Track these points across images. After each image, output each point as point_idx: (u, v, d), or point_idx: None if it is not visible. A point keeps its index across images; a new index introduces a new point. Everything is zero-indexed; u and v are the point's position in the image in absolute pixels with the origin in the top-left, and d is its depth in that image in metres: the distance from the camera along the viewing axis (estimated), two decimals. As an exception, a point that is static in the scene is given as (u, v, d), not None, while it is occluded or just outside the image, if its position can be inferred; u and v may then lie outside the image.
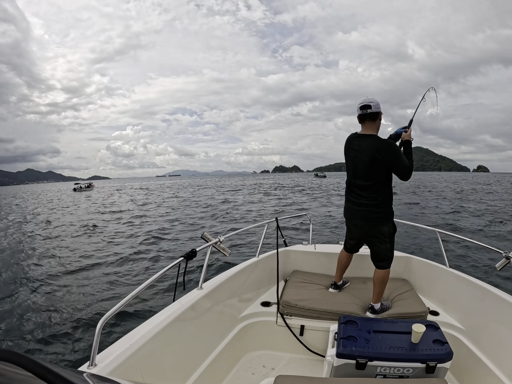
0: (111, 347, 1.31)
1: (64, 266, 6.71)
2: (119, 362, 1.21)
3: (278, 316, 2.28)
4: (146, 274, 5.91)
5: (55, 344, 3.55)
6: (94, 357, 1.17)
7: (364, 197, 2.15)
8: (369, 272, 2.55)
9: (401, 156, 2.09)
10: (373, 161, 2.05)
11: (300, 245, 3.10)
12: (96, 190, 56.19)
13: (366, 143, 2.10)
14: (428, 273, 2.62)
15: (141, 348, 1.32)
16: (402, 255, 2.87)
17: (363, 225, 2.22)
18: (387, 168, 2.07)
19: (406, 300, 2.30)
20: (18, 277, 6.00)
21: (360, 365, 1.56)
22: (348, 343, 1.64)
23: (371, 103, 2.09)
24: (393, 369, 1.56)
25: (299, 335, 2.20)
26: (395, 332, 1.73)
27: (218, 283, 2.04)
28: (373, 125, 2.14)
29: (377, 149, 2.04)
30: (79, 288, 5.29)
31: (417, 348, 1.60)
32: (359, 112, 2.13)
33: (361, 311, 2.19)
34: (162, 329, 1.47)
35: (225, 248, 2.22)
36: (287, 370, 2.07)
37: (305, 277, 2.69)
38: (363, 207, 2.15)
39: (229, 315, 2.18)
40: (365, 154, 2.08)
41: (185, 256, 1.86)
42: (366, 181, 2.12)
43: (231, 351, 2.02)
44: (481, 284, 2.09)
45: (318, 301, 2.28)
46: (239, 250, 7.32)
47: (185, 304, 1.70)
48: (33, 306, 4.60)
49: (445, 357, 1.58)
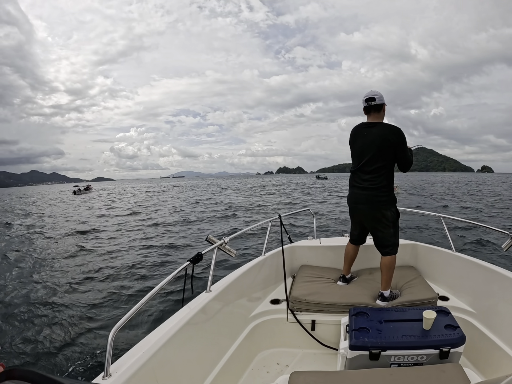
0: (124, 356, 1.30)
1: (70, 277, 6.73)
2: (134, 371, 1.20)
3: (288, 313, 2.28)
4: (152, 280, 5.92)
5: (68, 357, 3.56)
6: (108, 368, 1.16)
7: (368, 181, 2.20)
8: (375, 262, 2.54)
9: (407, 146, 2.23)
10: (383, 142, 2.14)
11: (305, 240, 3.11)
12: (97, 193, 54.16)
13: (376, 129, 2.20)
14: (435, 259, 2.62)
15: (154, 355, 1.31)
16: (408, 242, 2.87)
17: (367, 208, 2.25)
18: (393, 153, 2.17)
19: (415, 287, 2.29)
20: (25, 289, 6.03)
21: (373, 355, 1.56)
22: (360, 334, 1.64)
23: (375, 96, 2.21)
24: (407, 357, 1.57)
25: (311, 330, 2.20)
26: (406, 320, 1.74)
27: (226, 285, 2.04)
28: (378, 115, 2.24)
29: (389, 131, 2.16)
30: (87, 298, 5.30)
31: (430, 334, 1.61)
32: (364, 104, 2.24)
33: (371, 301, 2.19)
34: (174, 335, 1.46)
35: (231, 249, 2.21)
36: (301, 366, 2.06)
37: (312, 272, 2.70)
38: (368, 191, 2.21)
39: (240, 316, 2.18)
40: (375, 137, 2.17)
41: (191, 260, 1.85)
42: (372, 165, 2.19)
43: (244, 351, 2.02)
44: (488, 266, 2.09)
45: (327, 295, 2.28)
46: (245, 250, 7.33)
47: (195, 308, 1.70)
48: (43, 318, 4.60)
49: (458, 342, 1.58)
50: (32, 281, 6.51)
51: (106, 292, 5.52)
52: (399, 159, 2.21)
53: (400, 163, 2.23)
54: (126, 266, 7.24)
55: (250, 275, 2.37)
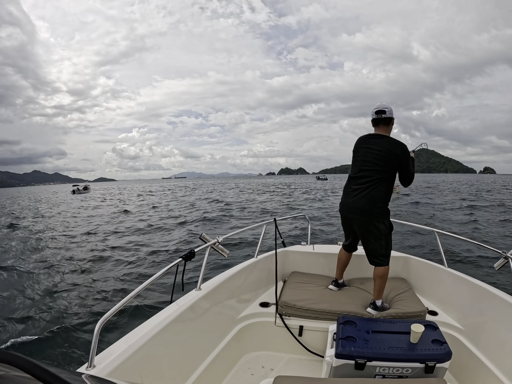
0: (109, 348, 1.30)
1: (61, 266, 6.69)
2: (118, 363, 1.20)
3: (276, 317, 2.27)
4: (143, 275, 5.90)
5: (53, 346, 3.54)
6: (92, 358, 1.17)
7: (365, 190, 2.19)
8: (366, 272, 2.56)
9: (410, 161, 2.25)
10: (389, 155, 2.16)
11: (298, 245, 3.10)
12: (99, 192, 55.68)
13: (383, 141, 2.21)
14: (427, 273, 2.63)
15: (140, 349, 1.32)
16: (400, 255, 2.87)
17: (359, 219, 2.24)
18: (397, 165, 2.19)
19: (404, 300, 2.30)
20: (15, 277, 5.98)
21: (359, 365, 1.56)
22: (347, 343, 1.64)
23: (385, 109, 2.23)
24: (392, 369, 1.56)
25: (298, 335, 2.20)
26: (394, 332, 1.73)
27: (216, 284, 2.04)
28: (386, 129, 2.27)
29: (395, 145, 2.18)
30: (77, 289, 5.27)
31: (416, 348, 1.60)
32: (374, 116, 2.25)
33: (360, 310, 2.19)
34: (161, 330, 1.46)
35: (224, 249, 2.21)
36: (286, 370, 2.06)
37: (304, 278, 2.70)
38: (362, 200, 2.19)
39: (228, 316, 2.17)
40: (381, 148, 2.18)
41: (183, 257, 1.85)
42: (372, 175, 2.19)
43: (230, 352, 2.02)
44: (479, 284, 2.10)
45: (317, 302, 2.28)
46: (238, 250, 7.31)
47: (184, 305, 1.70)
48: (31, 306, 4.58)
49: (444, 357, 1.58)
50: (20, 271, 6.47)
51: (95, 284, 5.49)
52: (403, 173, 2.24)
53: (403, 178, 2.27)
54: (120, 260, 7.21)
55: (241, 276, 2.37)
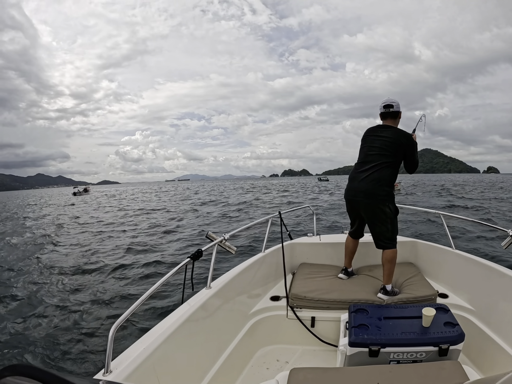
0: (125, 353, 1.31)
1: (70, 273, 6.73)
2: (134, 367, 1.21)
3: (288, 310, 2.28)
4: (153, 278, 5.93)
5: (68, 353, 3.56)
6: (108, 364, 1.17)
7: (371, 173, 2.25)
8: (374, 259, 2.56)
9: (416, 150, 2.37)
10: (395, 141, 2.26)
11: (305, 237, 3.11)
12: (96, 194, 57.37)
13: (390, 130, 2.32)
14: (435, 256, 2.62)
15: (155, 352, 1.32)
16: (407, 239, 2.87)
17: (364, 202, 2.28)
18: (403, 153, 2.29)
19: (414, 284, 2.30)
20: (23, 286, 6.02)
21: (373, 352, 1.56)
22: (359, 331, 1.64)
23: (393, 103, 2.35)
24: (406, 354, 1.57)
25: (310, 326, 2.21)
26: (406, 317, 1.74)
27: (226, 281, 2.04)
28: (394, 121, 2.38)
29: (403, 135, 2.29)
30: (88, 295, 5.29)
31: (429, 331, 1.61)
32: (382, 110, 2.37)
33: (370, 297, 2.19)
34: (174, 331, 1.47)
35: (231, 246, 2.22)
36: (301, 362, 2.07)
37: (312, 269, 2.70)
38: (367, 183, 2.25)
39: (240, 312, 2.18)
40: (389, 136, 2.28)
41: (191, 256, 1.86)
42: (378, 159, 2.26)
43: (244, 348, 2.03)
44: (488, 264, 2.09)
45: (327, 292, 2.29)
46: (245, 246, 7.33)
47: (195, 305, 1.70)
48: (43, 315, 4.60)
49: (457, 339, 1.58)
50: (29, 279, 6.50)
51: (107, 289, 5.51)
52: (408, 160, 2.34)
53: (408, 164, 2.37)
54: (126, 262, 7.26)
55: (250, 271, 2.38)
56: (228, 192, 38.39)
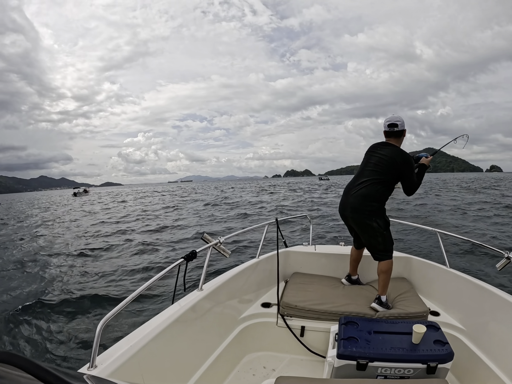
0: (111, 349, 1.30)
1: (62, 266, 6.71)
2: (119, 364, 1.21)
3: (278, 317, 2.27)
4: (146, 275, 5.91)
5: (54, 346, 3.54)
6: (94, 359, 1.17)
7: (359, 190, 2.25)
8: (368, 273, 2.58)
9: (414, 172, 2.33)
10: (391, 160, 2.23)
11: (300, 246, 3.10)
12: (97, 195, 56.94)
13: (388, 149, 2.29)
14: (429, 273, 2.62)
15: (142, 350, 1.32)
16: (402, 255, 2.87)
17: (352, 216, 2.30)
18: (398, 174, 2.24)
19: (407, 300, 2.29)
20: (13, 277, 5.98)
21: (361, 366, 1.55)
22: (348, 344, 1.63)
23: (397, 122, 2.29)
24: (394, 370, 1.56)
25: (300, 336, 2.20)
26: (396, 332, 1.73)
27: (218, 284, 2.04)
28: (397, 140, 2.34)
29: (399, 154, 2.24)
30: (78, 289, 5.27)
31: (418, 348, 1.60)
32: (386, 129, 2.33)
33: (362, 310, 2.18)
34: (162, 331, 1.47)
35: (225, 249, 2.22)
36: (287, 371, 2.06)
37: (305, 278, 2.70)
38: (354, 198, 2.26)
39: (230, 316, 2.18)
40: (385, 154, 2.26)
41: (185, 257, 1.86)
42: (370, 175, 2.25)
43: (231, 352, 2.02)
44: (481, 284, 2.09)
45: (318, 303, 2.28)
46: (240, 251, 7.31)
47: (185, 306, 1.70)
48: (32, 307, 4.58)
49: (446, 358, 1.57)
50: (19, 272, 6.49)
51: (97, 284, 5.50)
52: (403, 182, 2.29)
53: (404, 185, 2.32)
54: (123, 259, 7.23)
55: (243, 276, 2.37)
56: (254, 193, 36.02)
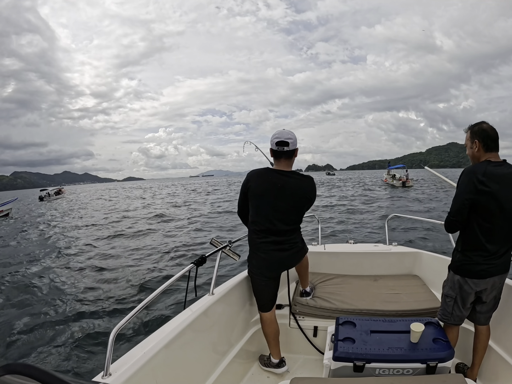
0: (124, 356, 1.32)
1: (73, 276, 6.58)
2: (134, 371, 1.21)
3: (290, 318, 2.28)
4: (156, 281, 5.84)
5: (69, 355, 3.54)
6: (108, 367, 1.19)
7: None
8: (379, 270, 2.60)
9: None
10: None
11: (309, 245, 3.11)
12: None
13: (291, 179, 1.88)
14: (440, 267, 2.58)
15: (155, 356, 1.32)
16: (412, 250, 2.84)
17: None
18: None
19: (419, 295, 2.27)
20: (26, 287, 5.93)
21: (357, 367, 1.52)
22: (344, 345, 1.61)
23: (288, 140, 1.83)
24: (392, 370, 1.52)
25: (313, 336, 2.20)
26: (394, 331, 1.69)
27: (229, 288, 2.03)
28: (290, 162, 1.92)
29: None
30: (90, 298, 5.22)
31: (417, 347, 1.55)
32: (275, 148, 1.86)
33: (373, 307, 2.16)
34: (175, 337, 1.47)
35: (234, 253, 2.22)
36: (302, 372, 2.06)
37: (316, 278, 2.71)
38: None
39: (242, 320, 2.17)
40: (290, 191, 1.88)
41: (195, 262, 1.87)
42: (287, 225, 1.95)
43: (245, 355, 2.04)
44: None
45: (329, 300, 2.28)
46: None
47: (197, 311, 1.70)
48: (44, 318, 4.60)
49: (446, 356, 1.52)
50: (30, 276, 6.52)
51: (108, 293, 5.46)
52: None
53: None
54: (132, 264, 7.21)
55: None
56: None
